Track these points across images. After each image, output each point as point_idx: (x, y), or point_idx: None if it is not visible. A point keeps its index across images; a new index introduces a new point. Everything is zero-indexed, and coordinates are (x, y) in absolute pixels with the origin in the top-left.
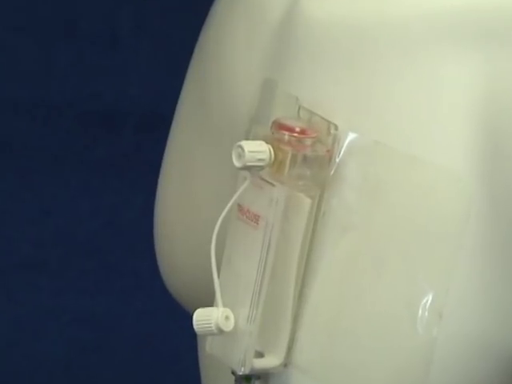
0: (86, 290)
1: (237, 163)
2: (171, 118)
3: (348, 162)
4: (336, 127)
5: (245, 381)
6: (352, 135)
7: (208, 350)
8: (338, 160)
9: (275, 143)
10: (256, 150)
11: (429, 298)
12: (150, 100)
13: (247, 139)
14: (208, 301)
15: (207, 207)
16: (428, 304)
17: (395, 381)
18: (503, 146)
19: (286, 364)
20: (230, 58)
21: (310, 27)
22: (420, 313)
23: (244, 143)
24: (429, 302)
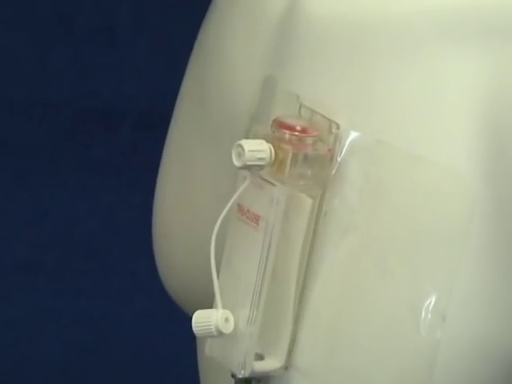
0: (84, 292)
1: (237, 162)
2: (170, 116)
3: (350, 162)
4: (337, 126)
5: None
6: (354, 134)
7: (207, 353)
8: (340, 159)
9: (276, 142)
10: (256, 149)
11: (432, 300)
12: (149, 98)
13: (247, 138)
14: (207, 302)
15: (207, 207)
16: (431, 306)
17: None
18: (508, 146)
19: (287, 367)
20: (230, 55)
21: (311, 24)
22: (423, 315)
23: (244, 142)
24: (432, 304)
